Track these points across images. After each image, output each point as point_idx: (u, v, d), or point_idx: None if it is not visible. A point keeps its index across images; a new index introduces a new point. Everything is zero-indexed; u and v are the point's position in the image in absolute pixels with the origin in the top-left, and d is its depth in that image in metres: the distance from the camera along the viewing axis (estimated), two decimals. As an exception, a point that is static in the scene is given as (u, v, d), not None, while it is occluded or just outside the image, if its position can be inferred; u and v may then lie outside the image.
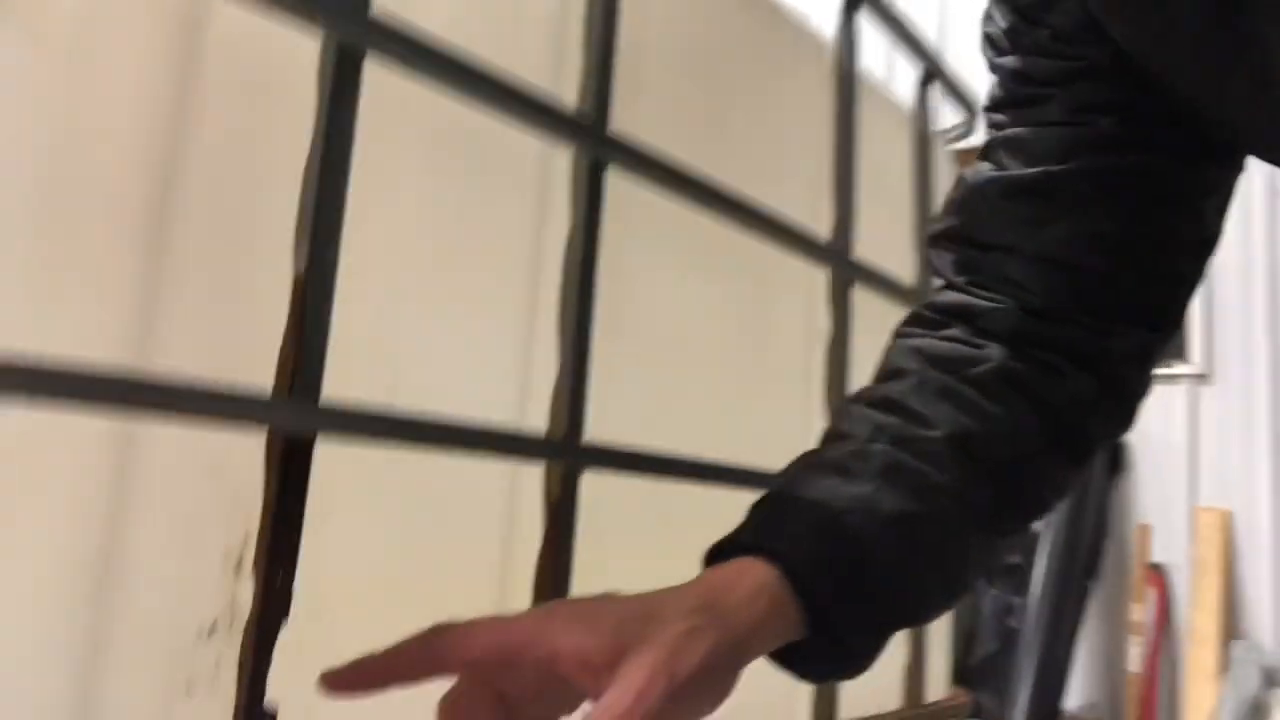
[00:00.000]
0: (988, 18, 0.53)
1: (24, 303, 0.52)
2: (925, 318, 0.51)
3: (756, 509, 0.44)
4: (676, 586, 0.39)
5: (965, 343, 0.49)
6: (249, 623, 0.58)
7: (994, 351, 0.48)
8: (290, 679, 0.60)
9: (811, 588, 0.40)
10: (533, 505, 0.76)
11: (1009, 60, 0.51)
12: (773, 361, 1.04)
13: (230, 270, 0.59)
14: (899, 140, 1.27)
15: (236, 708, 0.57)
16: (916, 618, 0.46)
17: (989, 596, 3.87)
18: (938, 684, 1.29)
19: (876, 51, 1.28)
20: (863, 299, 1.12)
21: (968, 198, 0.51)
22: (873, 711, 1.11)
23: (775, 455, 0.97)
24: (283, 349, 0.59)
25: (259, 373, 0.58)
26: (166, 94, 0.58)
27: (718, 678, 0.37)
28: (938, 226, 0.54)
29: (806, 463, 0.46)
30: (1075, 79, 0.49)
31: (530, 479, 0.76)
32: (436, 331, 0.71)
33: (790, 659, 0.42)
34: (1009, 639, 3.58)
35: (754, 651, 0.39)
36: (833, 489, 0.43)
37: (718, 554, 0.42)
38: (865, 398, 0.49)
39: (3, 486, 0.50)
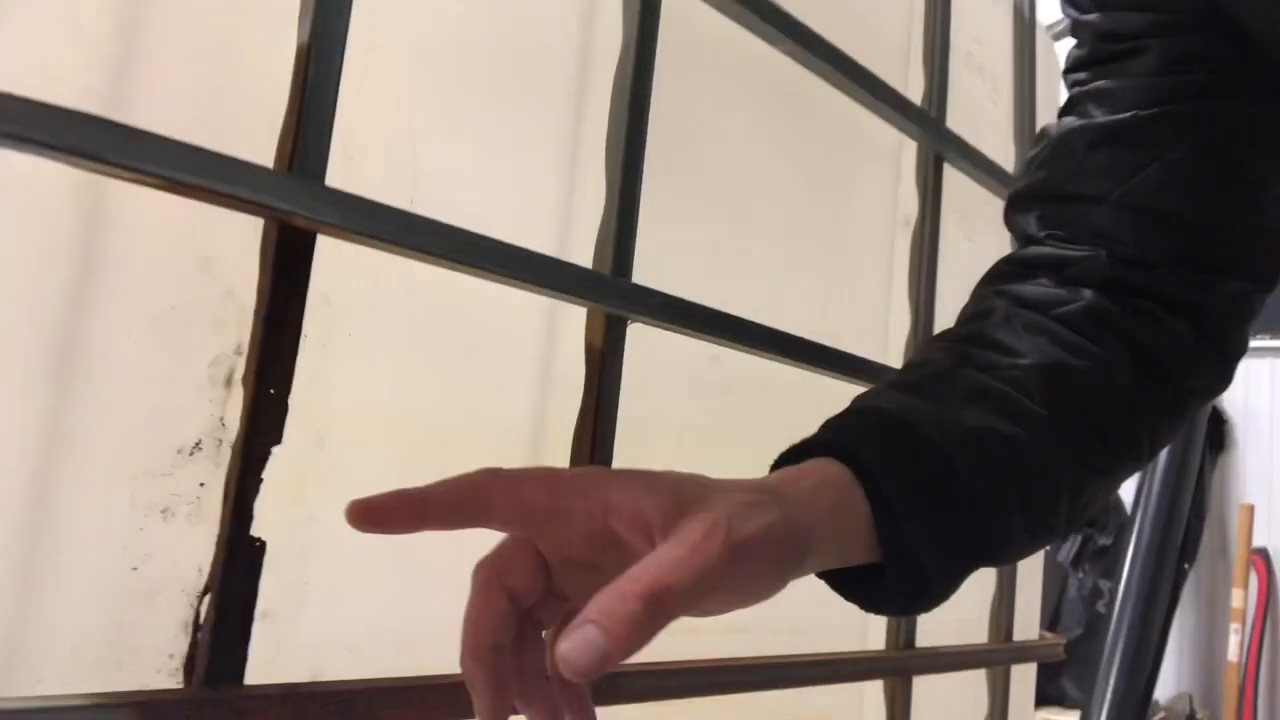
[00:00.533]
0: None
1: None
2: (1008, 271, 0.50)
3: (826, 423, 0.42)
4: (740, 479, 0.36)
5: (1054, 288, 0.47)
6: (236, 442, 0.50)
7: (1086, 293, 0.46)
8: (288, 512, 0.51)
9: (882, 489, 0.37)
10: (573, 356, 0.66)
11: (1094, 17, 0.50)
12: (850, 242, 0.92)
13: (227, 24, 0.51)
14: (999, 15, 1.13)
15: (220, 536, 0.48)
16: (995, 550, 0.41)
17: (1075, 579, 3.67)
18: (1028, 627, 1.15)
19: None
20: (954, 184, 1.00)
21: (1052, 151, 0.50)
22: (953, 643, 0.99)
23: (847, 342, 0.86)
24: (284, 125, 0.51)
25: (259, 156, 0.50)
26: None
27: (772, 564, 0.34)
28: (1020, 185, 0.52)
29: (880, 386, 0.44)
30: (1166, 32, 0.47)
31: (572, 327, 0.67)
32: (465, 143, 0.62)
33: (855, 584, 0.40)
34: (1096, 624, 3.39)
35: (815, 547, 0.36)
36: (911, 405, 0.41)
37: (783, 462, 0.40)
38: (948, 334, 0.47)
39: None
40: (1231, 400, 3.55)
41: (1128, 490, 3.48)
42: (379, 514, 0.34)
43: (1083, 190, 0.48)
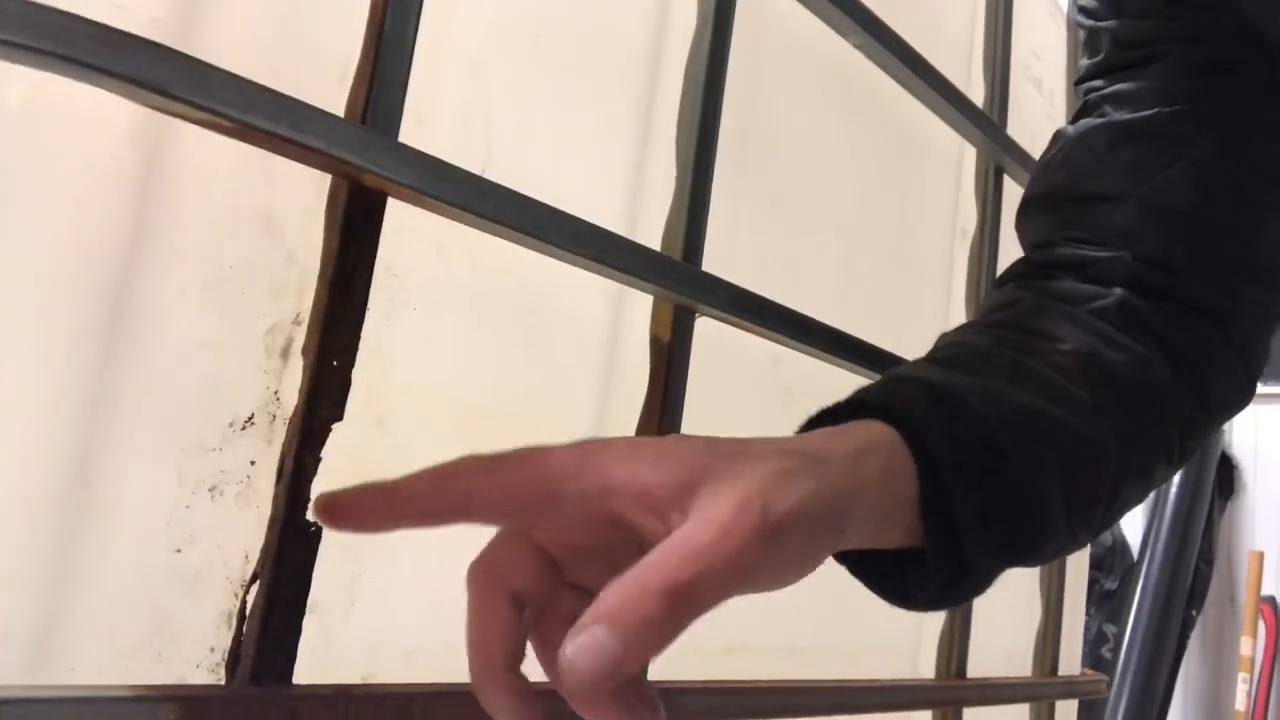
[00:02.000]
0: None
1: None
2: (1029, 271, 0.47)
3: (863, 388, 0.38)
4: (768, 436, 0.32)
5: (1082, 284, 0.45)
6: (294, 418, 0.45)
7: (1116, 290, 0.44)
8: (341, 495, 0.47)
9: (934, 457, 0.33)
10: (639, 349, 0.62)
11: (1112, 24, 0.48)
12: (911, 251, 0.89)
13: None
14: (1056, 31, 1.11)
15: (273, 517, 0.44)
16: (1036, 542, 0.37)
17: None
18: (1071, 662, 1.11)
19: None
20: (1012, 198, 0.97)
21: (1070, 152, 0.48)
22: (1003, 674, 0.95)
23: (908, 349, 0.82)
24: (355, 79, 0.47)
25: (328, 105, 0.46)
26: None
27: (813, 542, 0.29)
28: (1035, 188, 0.50)
29: (913, 362, 0.41)
30: (1187, 38, 0.46)
31: (638, 318, 0.63)
32: (538, 116, 0.58)
33: (881, 571, 0.36)
34: (1102, 669, 3.33)
35: (856, 520, 0.31)
36: (954, 379, 0.37)
37: (816, 424, 0.37)
38: (976, 323, 0.45)
39: (6, 181, 0.39)
40: (1241, 445, 3.52)
41: (1135, 534, 3.44)
42: (343, 509, 0.29)
43: (1104, 190, 0.46)
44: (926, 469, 0.33)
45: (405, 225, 0.50)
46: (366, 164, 0.45)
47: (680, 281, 0.60)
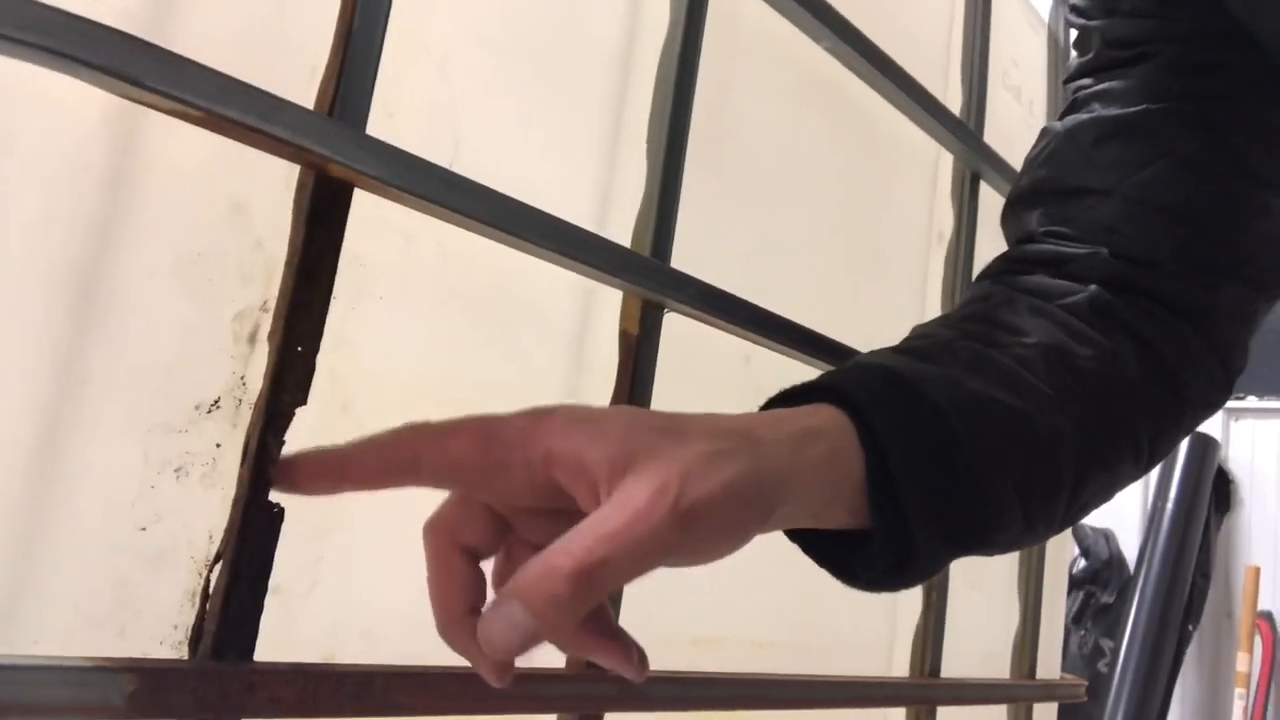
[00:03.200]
0: None
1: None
2: (1004, 267, 0.48)
3: (824, 374, 0.39)
4: (713, 413, 0.33)
5: (1055, 280, 0.45)
6: (258, 402, 0.47)
7: (1089, 286, 0.44)
8: (305, 477, 0.48)
9: (881, 442, 0.34)
10: (607, 344, 0.64)
11: (1103, 23, 0.48)
12: (885, 254, 0.90)
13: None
14: (1034, 41, 1.13)
15: (237, 497, 0.45)
16: (988, 531, 0.37)
17: (1076, 637, 3.61)
18: (1050, 667, 1.11)
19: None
20: (989, 202, 0.98)
21: (1057, 148, 0.48)
22: (976, 675, 0.95)
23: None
24: (325, 71, 0.48)
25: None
26: None
27: (735, 524, 0.30)
28: (1021, 183, 0.50)
29: (876, 351, 0.42)
30: (1178, 38, 0.46)
31: (606, 313, 0.64)
32: (508, 109, 0.59)
33: (829, 548, 0.36)
34: (1097, 684, 3.32)
35: (788, 501, 0.32)
36: (912, 365, 0.38)
37: (773, 406, 0.38)
38: (945, 317, 0.45)
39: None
40: (1238, 461, 3.52)
41: (1131, 548, 3.44)
42: (294, 474, 0.32)
43: (1089, 184, 0.46)
44: (874, 453, 0.34)
45: (374, 215, 0.51)
46: (332, 154, 0.46)
47: (648, 276, 0.61)
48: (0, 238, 0.41)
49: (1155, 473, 3.39)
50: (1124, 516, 3.52)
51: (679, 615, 0.68)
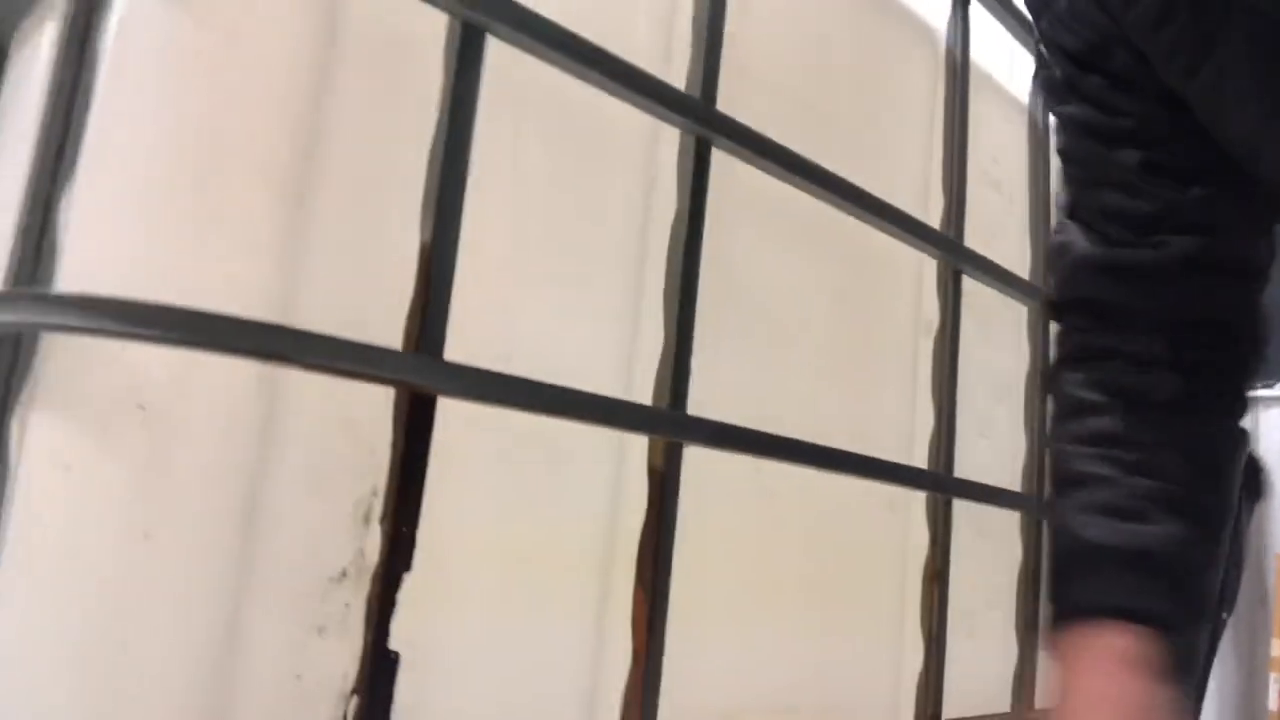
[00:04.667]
0: (1041, 63, 0.55)
1: (181, 254, 0.57)
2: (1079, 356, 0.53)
3: (1086, 567, 0.47)
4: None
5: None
6: (376, 572, 0.61)
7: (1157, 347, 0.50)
8: (413, 625, 0.63)
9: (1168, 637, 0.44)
10: (639, 474, 0.77)
11: (1071, 109, 0.52)
12: (878, 350, 1.03)
13: (362, 232, 0.63)
14: (1015, 132, 1.24)
15: (364, 650, 0.60)
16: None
17: (1111, 625, 3.66)
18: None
19: (996, 44, 1.27)
20: (973, 291, 1.10)
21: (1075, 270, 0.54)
22: (979, 712, 1.08)
23: (876, 444, 0.96)
24: (410, 311, 0.63)
25: (388, 330, 0.62)
26: (309, 66, 0.62)
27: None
28: (1062, 295, 0.55)
29: (1088, 511, 0.48)
30: (1140, 133, 0.50)
31: (637, 449, 0.78)
32: (550, 301, 0.74)
33: None
34: (1134, 671, 3.38)
35: None
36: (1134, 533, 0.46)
37: (1070, 612, 0.46)
38: (1073, 436, 0.51)
39: (159, 436, 0.55)
40: (1269, 449, 3.55)
41: (1165, 537, 3.48)
42: None
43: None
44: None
45: (445, 404, 0.66)
46: (423, 381, 0.61)
47: (668, 426, 0.75)
48: (191, 476, 0.56)
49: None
50: (1157, 507, 3.57)
51: (706, 690, 0.82)
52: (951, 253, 1.04)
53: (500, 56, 0.68)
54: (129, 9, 0.59)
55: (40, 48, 0.66)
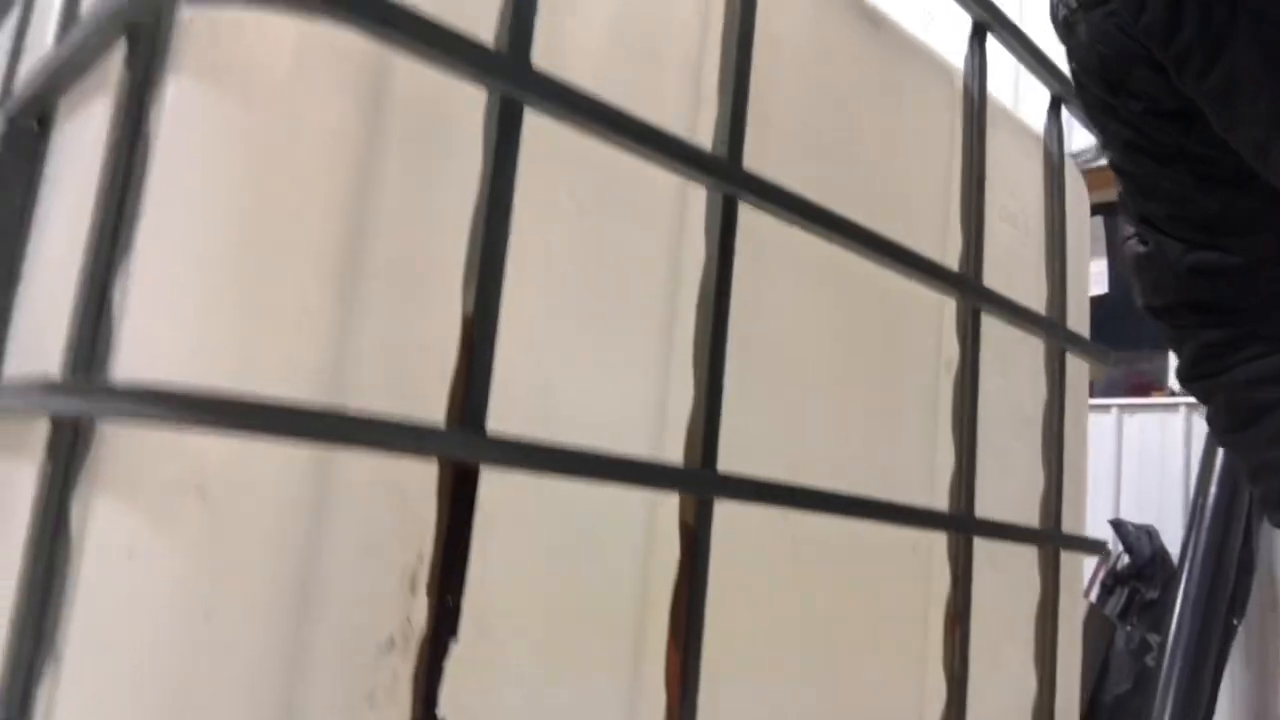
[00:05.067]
0: (1079, 86, 0.58)
1: (235, 335, 0.59)
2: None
3: None
4: None
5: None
6: (423, 640, 0.63)
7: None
8: (459, 692, 0.64)
9: None
10: (669, 530, 0.79)
11: (1114, 128, 0.55)
12: (900, 389, 1.04)
13: (409, 306, 0.65)
14: (1030, 165, 1.25)
15: (413, 715, 0.61)
16: None
17: (1123, 633, 3.69)
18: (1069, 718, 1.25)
19: (1005, 76, 1.28)
20: (991, 324, 1.11)
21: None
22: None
23: (899, 483, 0.98)
24: (453, 385, 0.64)
25: (436, 399, 0.64)
26: (355, 144, 0.64)
27: None
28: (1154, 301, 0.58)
29: None
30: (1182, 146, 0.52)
31: (667, 504, 0.79)
32: (583, 365, 0.75)
33: None
34: (1144, 679, 3.41)
35: None
36: None
37: None
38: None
39: (218, 516, 0.57)
40: (1276, 451, 3.55)
41: (1174, 544, 3.51)
42: None
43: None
44: None
45: (492, 475, 0.67)
46: (466, 455, 0.62)
47: (699, 484, 0.76)
48: (249, 554, 0.57)
49: (1197, 468, 3.47)
50: (1166, 512, 3.59)
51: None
52: (971, 293, 1.05)
53: (533, 121, 0.70)
54: (179, 89, 0.61)
55: (89, 124, 0.68)
